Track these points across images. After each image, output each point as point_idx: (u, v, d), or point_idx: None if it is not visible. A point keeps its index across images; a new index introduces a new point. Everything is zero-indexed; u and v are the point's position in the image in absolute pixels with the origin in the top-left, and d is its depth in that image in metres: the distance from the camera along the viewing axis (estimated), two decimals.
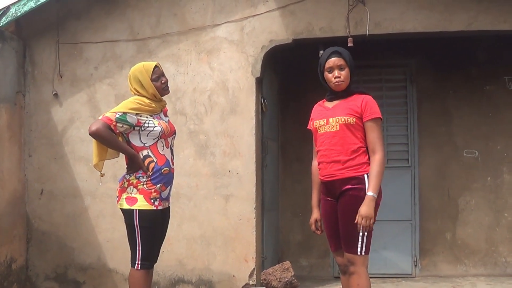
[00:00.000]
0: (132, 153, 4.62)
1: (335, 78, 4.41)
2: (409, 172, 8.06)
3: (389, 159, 7.89)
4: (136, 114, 4.63)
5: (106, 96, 7.19)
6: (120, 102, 4.85)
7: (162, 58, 6.96)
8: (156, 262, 4.86)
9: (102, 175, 4.87)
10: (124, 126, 4.58)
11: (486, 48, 7.97)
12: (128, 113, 4.59)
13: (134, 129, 4.63)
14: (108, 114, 4.58)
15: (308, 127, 4.77)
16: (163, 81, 4.80)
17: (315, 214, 4.69)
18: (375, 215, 4.25)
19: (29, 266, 7.31)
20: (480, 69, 8.03)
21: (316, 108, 4.70)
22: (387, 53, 8.05)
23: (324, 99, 4.67)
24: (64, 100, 7.28)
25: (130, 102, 4.67)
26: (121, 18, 7.21)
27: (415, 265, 7.97)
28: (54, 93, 7.26)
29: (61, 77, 7.27)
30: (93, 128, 4.49)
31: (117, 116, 4.55)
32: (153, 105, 4.76)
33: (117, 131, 4.60)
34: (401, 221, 7.99)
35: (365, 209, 4.14)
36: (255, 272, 6.74)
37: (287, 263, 6.33)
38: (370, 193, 4.17)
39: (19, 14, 6.93)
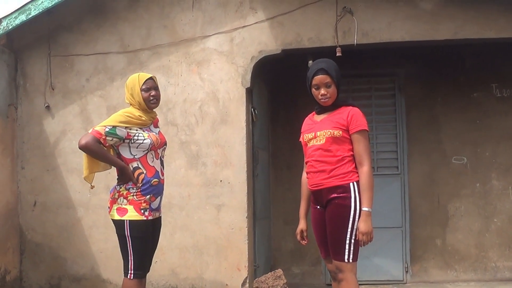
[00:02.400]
0: (121, 165, 4.69)
1: (321, 95, 4.49)
2: (398, 179, 8.12)
3: (378, 167, 7.98)
4: (126, 127, 4.69)
5: (98, 107, 7.24)
6: (111, 114, 4.91)
7: (153, 70, 7.02)
8: (148, 271, 4.92)
9: (92, 187, 4.95)
10: (114, 139, 4.65)
11: (474, 55, 8.06)
12: (118, 126, 4.65)
13: (124, 141, 4.70)
14: (97, 128, 4.63)
15: (299, 140, 4.83)
16: (152, 94, 4.84)
17: (301, 225, 4.79)
18: None
19: (23, 278, 7.34)
20: (468, 76, 8.12)
21: (306, 122, 4.77)
22: (375, 62, 8.12)
23: (313, 112, 4.73)
24: (56, 112, 7.33)
25: (119, 116, 4.73)
26: (112, 30, 7.28)
27: (406, 271, 8.03)
28: (46, 105, 7.31)
29: (53, 89, 7.33)
30: (83, 142, 4.56)
31: (107, 129, 4.61)
32: (143, 118, 4.83)
33: (107, 144, 4.66)
34: (392, 228, 8.04)
35: (363, 225, 4.22)
36: (247, 281, 6.79)
37: (279, 271, 6.38)
38: (365, 208, 4.24)
39: (10, 27, 6.98)
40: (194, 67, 7.06)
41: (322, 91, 4.47)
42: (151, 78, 4.91)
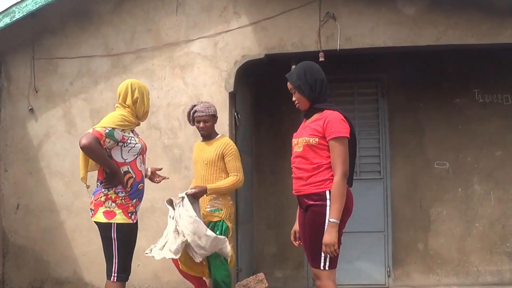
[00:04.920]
0: (116, 169, 4.69)
1: (293, 102, 4.55)
2: (381, 183, 8.18)
3: (361, 171, 8.02)
4: (122, 130, 4.72)
5: (82, 111, 7.24)
6: (95, 117, 4.93)
7: (137, 73, 7.04)
8: (130, 274, 4.94)
9: (88, 186, 4.96)
10: (111, 141, 4.66)
11: (456, 61, 8.11)
12: (116, 128, 4.67)
13: (117, 144, 4.71)
14: (98, 129, 4.61)
15: None
16: None
17: (295, 226, 4.73)
18: (342, 231, 4.28)
19: (6, 281, 7.32)
20: (450, 82, 8.18)
21: (298, 128, 4.76)
22: (359, 67, 8.16)
23: None
24: (39, 115, 7.33)
25: (116, 118, 4.75)
26: (96, 34, 7.29)
27: (389, 276, 8.07)
28: (29, 108, 7.31)
29: (37, 92, 7.33)
30: (85, 141, 4.49)
31: (107, 131, 4.61)
32: (134, 122, 4.88)
33: (104, 146, 4.65)
34: (374, 232, 8.10)
35: (326, 237, 4.14)
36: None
37: (261, 275, 6.39)
38: (331, 219, 4.16)
39: None
40: (178, 71, 7.09)
41: (293, 97, 4.52)
42: None
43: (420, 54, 7.72)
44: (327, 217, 4.19)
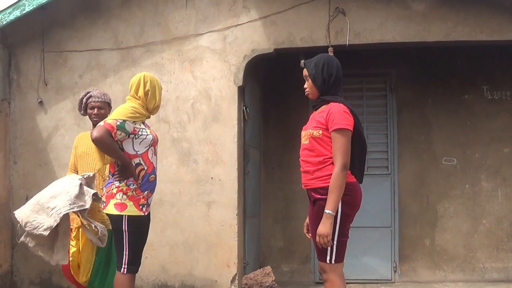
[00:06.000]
0: (128, 161, 4.69)
1: (304, 89, 4.55)
2: (388, 179, 8.18)
3: (369, 167, 7.98)
4: (133, 121, 4.73)
5: None
6: None
7: (146, 67, 7.06)
8: (139, 266, 4.97)
9: (108, 177, 5.00)
10: (122, 133, 4.67)
11: (465, 58, 8.11)
12: (127, 120, 4.68)
13: (129, 136, 4.72)
14: (109, 121, 4.63)
15: None
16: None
17: (308, 218, 4.67)
18: (348, 225, 4.31)
19: (14, 272, 7.37)
20: (459, 78, 8.17)
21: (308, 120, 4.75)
22: (367, 62, 8.15)
23: None
24: (49, 108, 7.36)
25: (127, 110, 4.75)
26: (105, 27, 7.31)
27: (395, 271, 8.08)
28: (39, 100, 7.34)
29: (46, 85, 7.36)
30: (96, 134, 4.52)
31: (118, 123, 4.62)
32: (144, 114, 4.89)
33: (116, 138, 4.66)
34: (381, 227, 8.10)
35: (320, 228, 4.15)
36: (237, 277, 6.84)
37: (268, 268, 6.43)
38: (327, 210, 4.14)
39: (4, 23, 7.02)
40: (187, 65, 7.10)
41: (305, 84, 4.52)
42: None
43: (429, 50, 7.71)
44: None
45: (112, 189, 4.77)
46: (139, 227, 4.81)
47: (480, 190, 8.10)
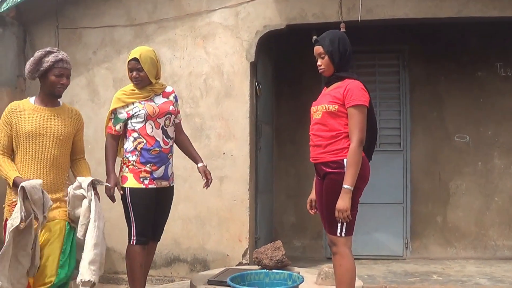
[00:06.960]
0: (107, 169, 4.96)
1: (318, 66, 4.56)
2: (401, 156, 8.20)
3: (381, 143, 8.02)
4: (123, 107, 4.88)
5: (105, 80, 7.35)
6: (117, 86, 5.04)
7: (159, 43, 7.11)
8: (157, 240, 5.17)
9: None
10: (119, 124, 4.91)
11: (478, 34, 8.08)
12: (117, 109, 4.90)
13: (127, 121, 4.91)
14: (109, 124, 4.96)
15: None
16: (133, 75, 4.94)
17: (312, 194, 4.76)
18: (358, 199, 4.34)
19: None
20: (472, 55, 8.16)
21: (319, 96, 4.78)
22: (380, 38, 8.14)
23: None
24: None
25: (114, 100, 4.96)
26: (118, 4, 7.36)
27: (406, 247, 8.12)
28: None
29: None
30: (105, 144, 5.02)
31: (112, 120, 4.91)
32: (136, 91, 4.93)
33: (122, 132, 4.97)
34: (393, 204, 8.13)
35: (340, 202, 4.19)
36: (248, 252, 6.92)
37: (278, 242, 6.44)
38: (345, 186, 4.19)
39: (19, 0, 7.07)
40: (200, 41, 7.14)
41: (318, 62, 4.53)
42: (134, 59, 4.90)
43: (441, 26, 7.70)
44: None
45: (121, 163, 5.01)
46: (141, 199, 4.87)
47: (492, 168, 8.12)
